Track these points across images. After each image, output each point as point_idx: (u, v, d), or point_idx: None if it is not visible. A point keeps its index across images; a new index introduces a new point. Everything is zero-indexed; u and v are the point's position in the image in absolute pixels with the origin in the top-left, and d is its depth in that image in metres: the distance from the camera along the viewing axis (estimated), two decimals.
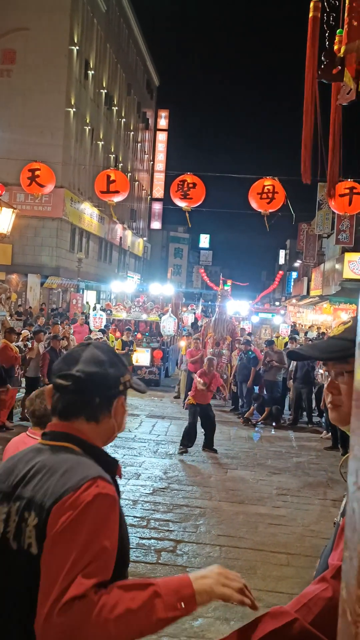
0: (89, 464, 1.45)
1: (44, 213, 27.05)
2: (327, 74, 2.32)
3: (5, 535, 1.41)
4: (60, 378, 1.56)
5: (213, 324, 15.70)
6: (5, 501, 1.45)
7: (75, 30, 28.54)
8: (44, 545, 1.31)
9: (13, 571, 1.38)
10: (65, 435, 1.53)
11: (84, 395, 1.54)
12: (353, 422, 0.78)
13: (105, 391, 1.56)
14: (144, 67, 47.94)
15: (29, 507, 1.38)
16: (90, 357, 1.57)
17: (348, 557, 0.74)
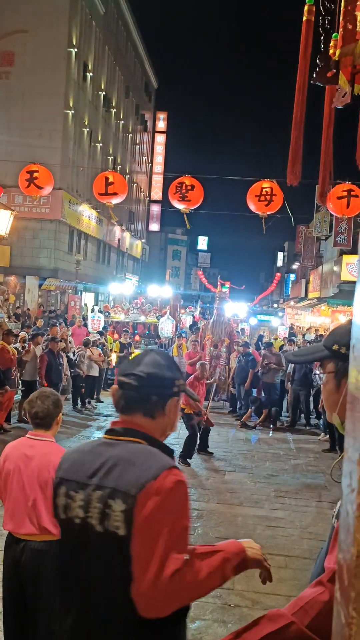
0: (160, 455, 1.65)
1: (42, 215, 27.05)
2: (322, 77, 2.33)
3: (87, 519, 1.61)
4: (124, 377, 1.76)
5: (211, 325, 15.70)
6: (80, 490, 1.64)
7: (74, 33, 28.57)
8: (133, 527, 1.52)
9: (99, 549, 1.59)
10: (130, 431, 1.71)
11: (143, 393, 1.72)
12: (347, 425, 0.79)
13: (162, 390, 1.74)
14: (143, 69, 48.00)
15: (114, 495, 1.56)
16: (151, 361, 1.78)
17: (342, 559, 0.74)
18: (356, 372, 0.74)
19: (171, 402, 1.75)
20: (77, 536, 1.63)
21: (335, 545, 1.40)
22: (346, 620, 0.70)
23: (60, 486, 1.70)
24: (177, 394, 1.79)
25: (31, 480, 3.09)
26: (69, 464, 1.72)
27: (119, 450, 1.65)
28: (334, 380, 1.55)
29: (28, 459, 3.11)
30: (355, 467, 0.72)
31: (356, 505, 0.70)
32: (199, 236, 70.52)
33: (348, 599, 0.71)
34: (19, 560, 3.06)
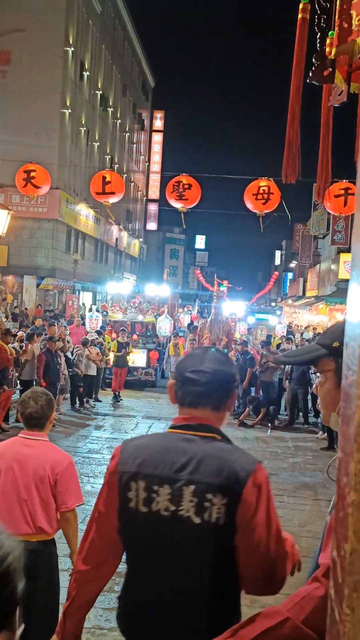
0: (242, 450, 1.82)
1: (39, 214, 27.02)
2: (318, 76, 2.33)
3: (178, 512, 1.70)
4: (192, 373, 1.83)
5: (209, 324, 15.70)
6: (166, 484, 1.72)
7: (71, 32, 28.53)
8: (237, 518, 1.65)
9: (194, 539, 1.70)
10: (205, 427, 1.80)
11: (210, 388, 1.82)
12: (342, 424, 0.79)
13: (226, 385, 1.86)
14: (140, 68, 47.95)
15: (212, 490, 1.67)
16: (214, 358, 1.87)
17: (336, 556, 0.74)
18: (348, 369, 0.74)
19: (232, 396, 1.89)
20: (164, 527, 1.71)
21: (329, 542, 1.40)
22: (340, 617, 0.71)
23: (136, 480, 1.75)
24: (236, 388, 2.01)
25: (27, 480, 3.04)
26: (143, 458, 1.77)
27: (201, 446, 1.75)
28: (334, 378, 1.54)
29: (24, 458, 3.08)
30: (350, 464, 0.72)
31: (350, 502, 0.71)
32: (197, 235, 70.59)
33: (342, 596, 0.71)
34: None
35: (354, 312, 0.77)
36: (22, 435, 3.21)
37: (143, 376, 16.17)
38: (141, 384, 16.10)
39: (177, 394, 1.87)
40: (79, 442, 9.72)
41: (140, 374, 16.15)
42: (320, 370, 1.60)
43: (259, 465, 1.72)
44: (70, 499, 3.09)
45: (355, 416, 0.71)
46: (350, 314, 0.78)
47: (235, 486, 1.66)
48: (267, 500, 1.70)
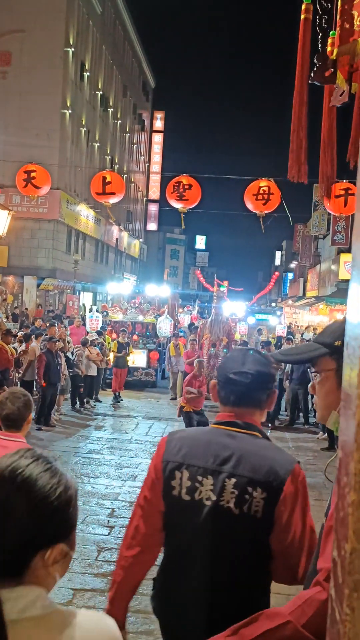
0: (281, 449, 1.94)
1: (40, 215, 27.02)
2: (320, 76, 2.33)
3: (219, 502, 1.80)
4: (235, 374, 1.93)
5: (209, 325, 15.69)
6: (210, 475, 1.82)
7: (71, 32, 28.53)
8: (275, 513, 1.75)
9: (231, 528, 1.79)
10: (247, 424, 1.92)
11: (253, 388, 1.93)
12: (342, 422, 0.79)
13: (267, 385, 1.96)
14: (140, 68, 47.95)
15: (252, 484, 1.77)
16: (256, 359, 1.97)
17: (336, 556, 0.74)
18: (349, 369, 0.74)
19: (272, 395, 1.99)
20: (204, 516, 1.83)
21: (327, 546, 1.41)
22: (340, 617, 0.71)
23: (180, 470, 1.87)
24: (276, 387, 2.08)
25: None
26: (187, 450, 1.90)
27: (242, 442, 1.87)
28: (335, 377, 1.53)
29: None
30: (350, 464, 0.72)
31: (350, 502, 0.71)
32: (197, 235, 70.61)
33: (342, 596, 0.71)
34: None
35: (354, 312, 0.77)
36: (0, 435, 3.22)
37: (143, 376, 16.17)
38: (141, 384, 16.10)
39: (219, 393, 1.98)
40: (80, 443, 9.72)
41: (140, 374, 16.15)
42: (319, 370, 1.58)
43: (297, 466, 1.84)
44: None
45: (356, 416, 0.71)
46: (351, 313, 0.78)
47: (275, 482, 1.77)
48: (303, 499, 1.82)
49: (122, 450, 9.33)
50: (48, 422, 10.85)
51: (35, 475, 1.04)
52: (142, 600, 4.68)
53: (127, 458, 8.85)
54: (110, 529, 6.02)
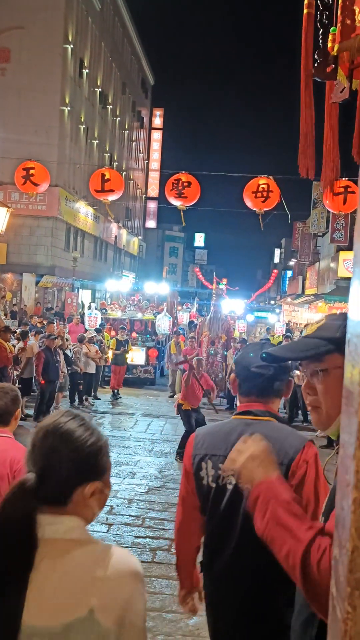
0: (295, 431, 2.13)
1: (38, 212, 26.99)
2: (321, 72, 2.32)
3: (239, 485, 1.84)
4: (258, 368, 2.10)
5: (208, 322, 15.69)
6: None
7: (70, 29, 28.46)
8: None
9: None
10: (264, 412, 2.11)
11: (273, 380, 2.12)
12: (343, 420, 0.78)
13: (285, 377, 2.16)
14: (139, 65, 47.86)
15: None
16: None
17: (337, 554, 0.74)
18: (352, 366, 0.74)
19: (290, 384, 2.18)
20: (230, 499, 2.03)
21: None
22: (342, 615, 0.70)
23: (205, 461, 2.09)
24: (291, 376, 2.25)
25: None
26: (209, 442, 2.11)
27: (257, 427, 2.00)
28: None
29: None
30: (351, 462, 0.72)
31: (352, 500, 0.70)
32: (196, 233, 70.57)
33: (344, 594, 0.70)
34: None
35: (356, 309, 0.76)
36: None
37: (142, 374, 16.17)
38: (140, 381, 16.10)
39: (241, 386, 2.18)
40: None
41: (139, 371, 16.15)
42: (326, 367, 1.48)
43: (308, 443, 2.00)
44: None
45: (358, 413, 0.71)
46: (353, 311, 0.77)
47: (284, 460, 1.92)
48: (315, 474, 1.93)
49: (120, 447, 9.33)
50: None
51: (73, 429, 1.32)
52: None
53: (125, 455, 8.85)
54: (109, 526, 6.02)
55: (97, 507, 1.35)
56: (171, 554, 5.51)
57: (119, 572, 1.24)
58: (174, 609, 4.50)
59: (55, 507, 1.28)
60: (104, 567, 1.24)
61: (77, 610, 1.19)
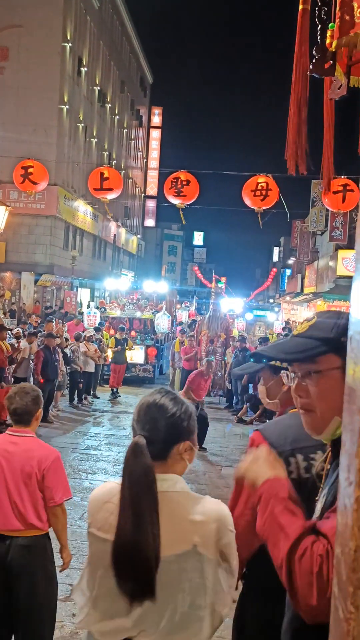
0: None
1: (37, 211, 26.95)
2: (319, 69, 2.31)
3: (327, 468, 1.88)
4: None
5: (207, 321, 15.68)
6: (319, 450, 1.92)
7: (68, 27, 28.40)
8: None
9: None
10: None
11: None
12: (345, 418, 0.77)
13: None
14: (138, 64, 47.79)
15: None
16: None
17: (340, 553, 0.73)
18: (353, 364, 0.73)
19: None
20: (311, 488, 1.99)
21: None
22: (344, 615, 0.69)
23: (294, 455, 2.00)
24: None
25: (14, 476, 3.05)
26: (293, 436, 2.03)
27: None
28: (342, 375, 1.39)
29: (10, 455, 3.08)
30: (354, 460, 0.71)
31: (354, 499, 0.69)
32: (195, 231, 70.45)
33: (346, 593, 0.70)
34: (4, 558, 2.96)
35: (358, 307, 0.75)
36: (9, 432, 3.21)
37: (141, 372, 16.16)
38: (139, 380, 16.10)
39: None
40: (77, 439, 9.71)
41: (138, 370, 16.14)
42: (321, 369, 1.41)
43: None
44: (57, 494, 3.09)
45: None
46: (355, 308, 0.76)
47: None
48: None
49: (120, 446, 9.32)
50: (46, 418, 10.83)
51: (166, 402, 1.70)
52: None
53: (124, 454, 8.84)
54: None
55: (188, 461, 1.72)
56: None
57: (211, 516, 1.61)
58: None
59: (159, 463, 1.65)
60: (201, 513, 1.62)
61: (184, 545, 1.58)
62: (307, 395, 1.43)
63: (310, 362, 1.42)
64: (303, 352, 1.45)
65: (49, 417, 10.98)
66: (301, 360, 1.45)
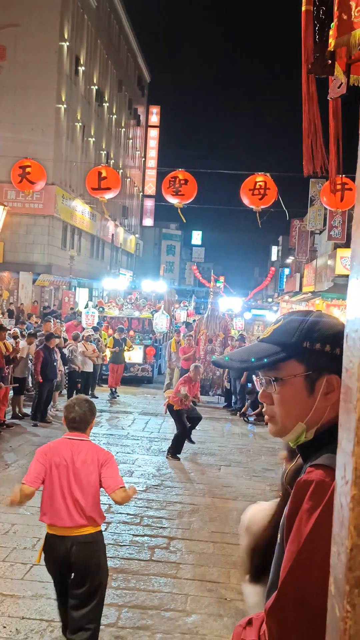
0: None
1: (35, 210, 26.93)
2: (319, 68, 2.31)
3: None
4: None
5: (205, 320, 15.69)
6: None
7: (66, 27, 28.38)
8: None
9: None
10: None
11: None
12: (341, 416, 0.78)
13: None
14: (135, 63, 47.78)
15: None
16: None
17: (336, 553, 0.73)
18: (350, 362, 0.73)
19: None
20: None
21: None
22: (341, 614, 0.69)
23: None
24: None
25: (77, 475, 3.47)
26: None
27: None
28: (305, 382, 1.33)
29: (74, 456, 3.51)
30: (349, 459, 0.71)
31: (350, 497, 0.69)
32: (193, 231, 70.42)
33: (342, 592, 0.70)
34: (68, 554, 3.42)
35: (354, 305, 0.75)
36: (67, 436, 3.62)
37: (140, 372, 16.16)
38: (138, 380, 16.10)
39: None
40: None
41: (136, 370, 16.14)
42: (282, 376, 1.35)
43: None
44: (115, 483, 3.55)
45: (356, 409, 0.70)
46: (351, 307, 0.77)
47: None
48: None
49: (118, 446, 9.32)
50: (44, 418, 10.83)
51: None
52: (139, 596, 4.68)
53: (123, 454, 8.84)
54: (107, 525, 6.01)
55: None
56: (169, 552, 5.51)
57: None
58: (173, 607, 4.50)
59: None
60: None
61: None
62: (270, 402, 1.38)
63: (272, 369, 1.35)
64: (260, 360, 1.36)
65: (48, 417, 10.98)
66: (257, 369, 1.37)
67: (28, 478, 3.47)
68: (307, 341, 1.34)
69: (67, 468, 3.46)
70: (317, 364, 1.33)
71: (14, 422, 10.53)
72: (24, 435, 9.77)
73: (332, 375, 1.32)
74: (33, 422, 10.59)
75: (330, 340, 1.33)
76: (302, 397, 1.34)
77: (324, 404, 1.32)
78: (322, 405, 1.32)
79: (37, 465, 3.50)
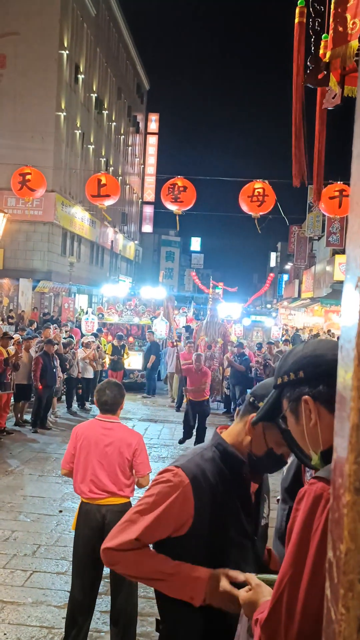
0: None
1: (35, 217, 26.98)
2: (313, 79, 2.35)
3: None
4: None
5: (205, 326, 15.70)
6: None
7: (65, 35, 28.53)
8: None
9: None
10: None
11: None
12: (336, 425, 0.80)
13: None
14: (134, 71, 48.00)
15: None
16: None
17: (332, 557, 0.75)
18: (344, 372, 0.75)
19: None
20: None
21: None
22: (336, 616, 0.71)
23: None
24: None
25: (110, 452, 3.78)
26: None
27: None
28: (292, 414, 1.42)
29: (106, 435, 3.83)
30: (344, 466, 0.73)
31: (344, 504, 0.71)
32: (192, 237, 70.61)
33: (337, 595, 0.72)
34: (103, 522, 3.70)
35: (348, 314, 0.77)
36: (99, 418, 3.94)
37: (139, 379, 16.15)
38: (137, 386, 16.08)
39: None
40: None
41: (136, 376, 16.13)
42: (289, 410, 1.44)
43: None
44: (143, 469, 3.85)
45: (350, 418, 0.72)
46: (345, 316, 0.79)
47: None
48: None
49: None
50: (44, 424, 10.83)
51: None
52: (139, 603, 4.67)
53: None
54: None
55: None
56: None
57: None
58: None
59: None
60: None
61: None
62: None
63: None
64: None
65: (47, 424, 10.97)
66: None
67: (63, 461, 3.99)
68: (279, 377, 1.47)
69: (95, 446, 3.79)
70: (294, 393, 1.42)
71: (14, 429, 10.53)
72: (24, 442, 9.76)
73: (305, 397, 1.37)
74: (33, 428, 10.59)
75: (297, 366, 1.42)
76: (298, 428, 1.42)
77: (312, 426, 1.35)
78: (311, 428, 1.36)
79: (69, 447, 3.95)
